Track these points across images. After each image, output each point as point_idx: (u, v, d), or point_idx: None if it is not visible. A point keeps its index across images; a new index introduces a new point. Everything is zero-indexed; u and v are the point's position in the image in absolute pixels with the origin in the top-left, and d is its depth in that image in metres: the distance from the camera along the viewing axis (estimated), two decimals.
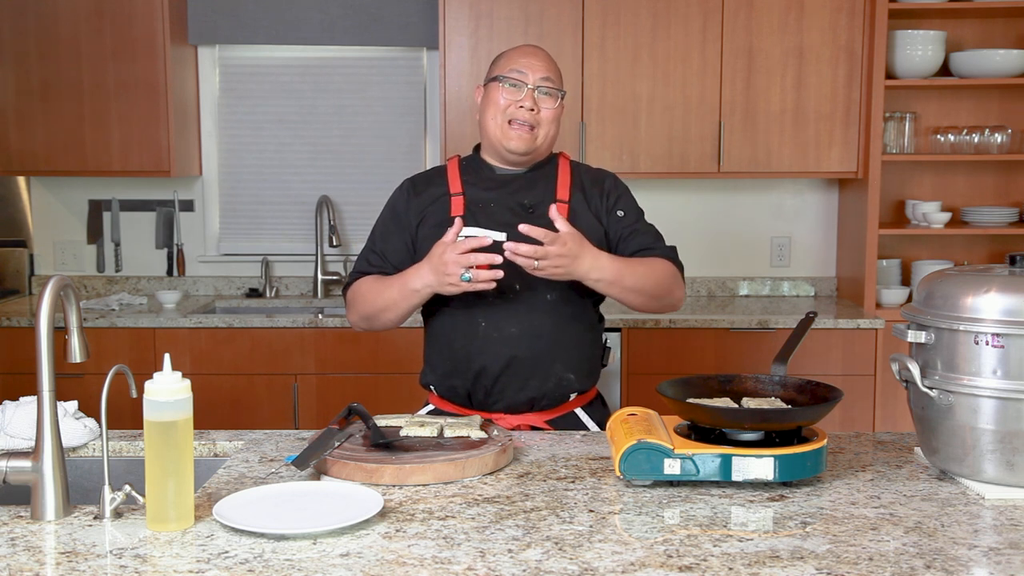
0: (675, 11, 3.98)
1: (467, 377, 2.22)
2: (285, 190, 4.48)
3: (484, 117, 2.27)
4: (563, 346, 2.22)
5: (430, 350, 2.32)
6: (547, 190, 2.26)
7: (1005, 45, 4.16)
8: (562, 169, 2.31)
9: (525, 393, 2.20)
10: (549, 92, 2.25)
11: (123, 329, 3.84)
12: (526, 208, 2.22)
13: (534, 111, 2.22)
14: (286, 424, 3.85)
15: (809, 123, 4.03)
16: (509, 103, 2.22)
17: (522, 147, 2.23)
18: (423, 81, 4.43)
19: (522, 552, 1.44)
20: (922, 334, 1.75)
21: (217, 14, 4.29)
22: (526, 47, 2.32)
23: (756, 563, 1.41)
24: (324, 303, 4.31)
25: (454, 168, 2.32)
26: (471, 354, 2.20)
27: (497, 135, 2.24)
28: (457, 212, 2.21)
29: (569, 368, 2.23)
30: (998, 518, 1.60)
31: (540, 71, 2.24)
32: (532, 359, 2.19)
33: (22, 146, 4.07)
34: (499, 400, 2.21)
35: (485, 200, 2.24)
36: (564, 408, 2.26)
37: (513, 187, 2.26)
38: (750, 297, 4.40)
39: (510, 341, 2.18)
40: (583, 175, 2.33)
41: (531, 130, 2.22)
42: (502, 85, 2.23)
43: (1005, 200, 4.33)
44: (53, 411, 1.59)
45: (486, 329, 2.18)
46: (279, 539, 1.48)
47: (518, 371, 2.19)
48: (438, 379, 2.28)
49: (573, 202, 2.26)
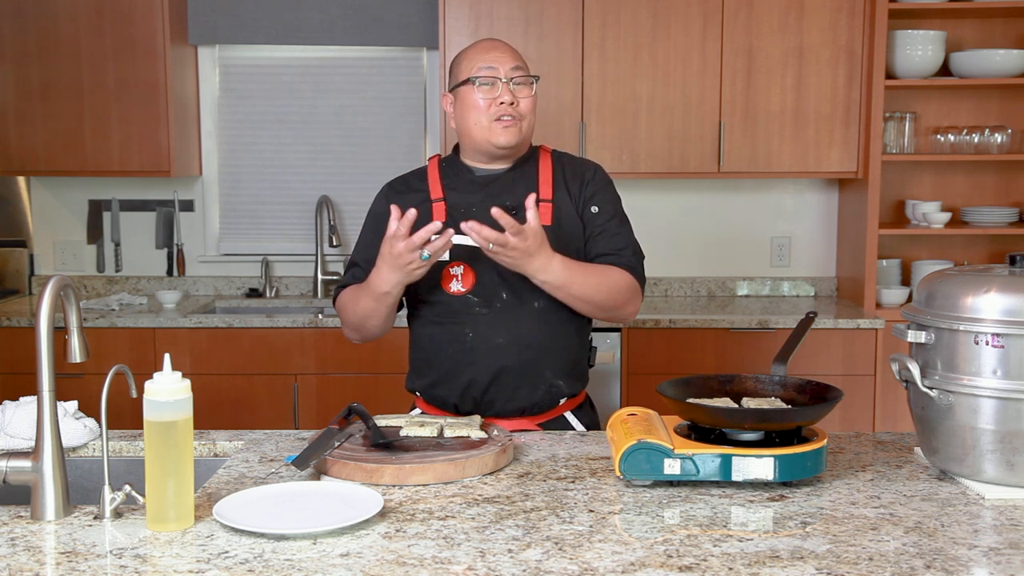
0: (675, 11, 3.98)
1: (454, 388, 2.19)
2: (285, 190, 4.48)
3: (465, 122, 2.20)
4: (553, 353, 2.19)
5: (415, 358, 2.29)
6: (529, 189, 2.20)
7: (1005, 45, 4.16)
8: (543, 165, 2.26)
9: (515, 403, 2.18)
10: (523, 81, 2.18)
11: (123, 329, 3.84)
12: (508, 210, 2.14)
13: (514, 103, 2.16)
14: (286, 424, 3.85)
15: (809, 123, 4.03)
16: (489, 102, 2.16)
17: (511, 140, 2.17)
18: (423, 81, 4.43)
19: (522, 552, 1.44)
20: (922, 334, 1.75)
21: (217, 14, 4.29)
22: (485, 42, 2.25)
23: (756, 563, 1.41)
24: (324, 303, 4.31)
25: (434, 170, 2.27)
26: (459, 366, 2.17)
27: (484, 135, 2.17)
28: (439, 218, 2.16)
29: (559, 375, 2.20)
30: (998, 518, 1.60)
31: (508, 62, 2.17)
32: (521, 369, 2.16)
33: (22, 146, 4.07)
34: (488, 409, 2.19)
35: (467, 205, 2.18)
36: (554, 412, 2.24)
37: (494, 188, 2.21)
38: (750, 297, 4.40)
39: (498, 352, 2.15)
40: (565, 168, 2.27)
41: (516, 122, 2.17)
42: (476, 86, 2.16)
43: (1005, 200, 4.33)
44: (53, 411, 1.59)
45: (474, 340, 2.15)
46: (279, 539, 1.48)
47: (507, 381, 2.17)
48: (424, 387, 2.26)
49: (557, 199, 2.21)
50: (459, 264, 2.16)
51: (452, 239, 2.03)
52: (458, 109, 2.22)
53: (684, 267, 4.42)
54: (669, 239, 4.37)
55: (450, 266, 2.17)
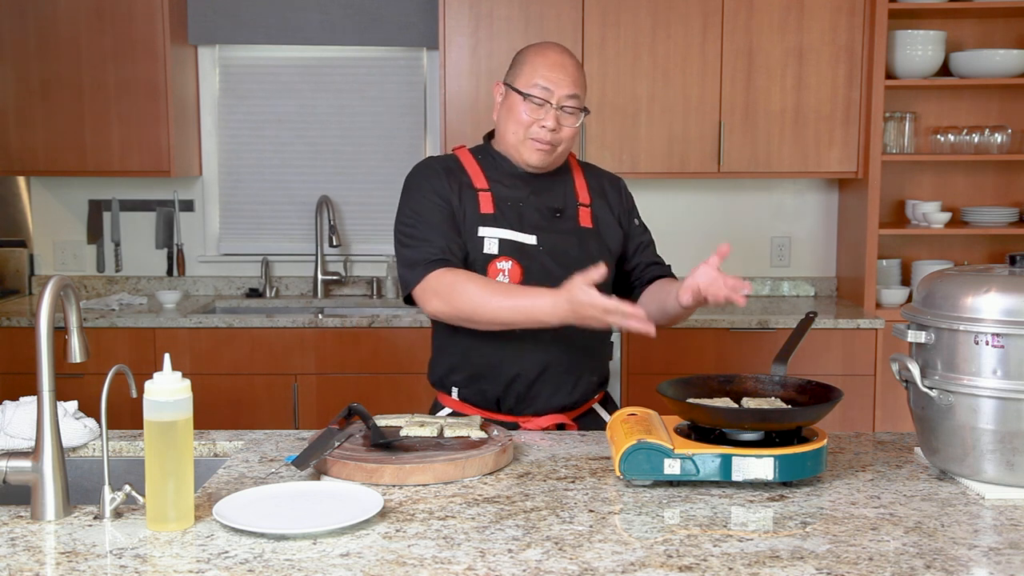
0: (675, 11, 3.98)
1: (499, 383, 2.19)
2: (285, 190, 4.48)
3: (504, 125, 2.19)
4: (592, 350, 2.24)
5: (452, 351, 2.24)
6: (568, 192, 2.24)
7: (1005, 45, 4.16)
8: (575, 170, 2.30)
9: (557, 399, 2.20)
10: (572, 111, 2.15)
11: (123, 329, 3.84)
12: (554, 212, 2.20)
13: (555, 131, 2.14)
14: (286, 424, 3.85)
15: (809, 123, 4.03)
16: (532, 121, 2.14)
17: (539, 163, 2.18)
18: (423, 81, 4.43)
19: (522, 552, 1.44)
20: (922, 334, 1.75)
21: (217, 14, 4.29)
22: (556, 55, 2.17)
23: (756, 563, 1.41)
24: (324, 303, 4.31)
25: (471, 160, 2.24)
26: (504, 360, 2.17)
27: (517, 147, 2.17)
28: (488, 210, 2.16)
29: (596, 372, 2.26)
30: (998, 518, 1.60)
31: (566, 87, 2.13)
32: (566, 365, 2.19)
33: (22, 146, 4.07)
34: (530, 406, 2.20)
35: (514, 199, 2.19)
36: (586, 406, 2.28)
37: (535, 187, 2.21)
38: (750, 297, 4.40)
39: (546, 347, 2.16)
40: (596, 175, 2.32)
41: (550, 146, 2.16)
42: (525, 101, 2.14)
43: (1005, 200, 4.33)
44: (53, 411, 1.59)
45: (521, 334, 2.13)
46: (279, 539, 1.48)
47: (551, 378, 2.18)
48: (462, 381, 2.23)
49: (594, 206, 2.25)
50: (507, 259, 2.15)
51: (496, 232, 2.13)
52: (503, 107, 2.21)
53: (684, 267, 4.38)
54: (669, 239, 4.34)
55: (497, 260, 2.15)
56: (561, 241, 2.18)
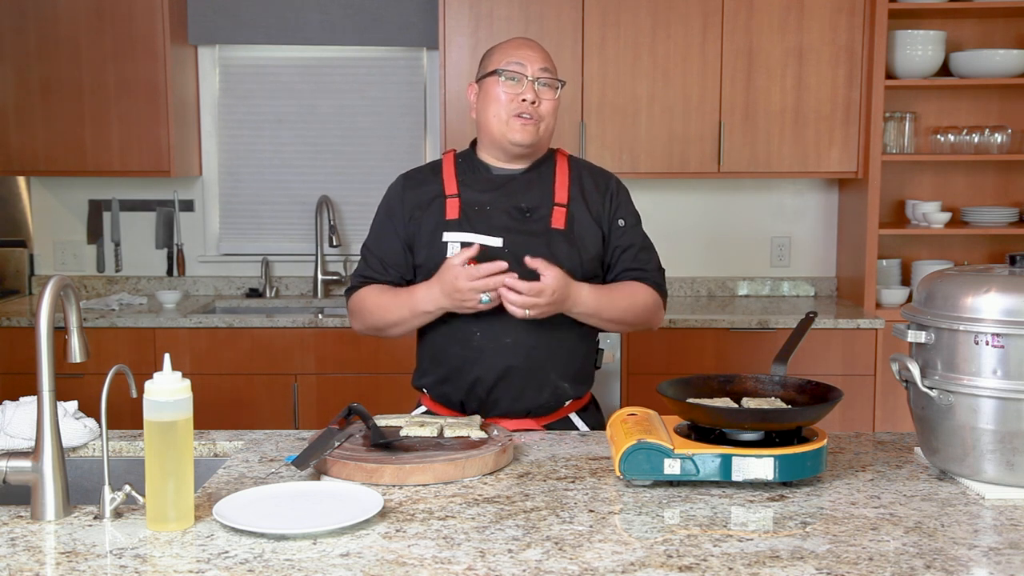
0: (675, 11, 3.98)
1: (461, 386, 2.20)
2: (285, 190, 4.48)
3: (485, 114, 2.21)
4: (558, 356, 2.20)
5: (422, 355, 2.30)
6: (545, 192, 2.22)
7: (1005, 45, 4.16)
8: (560, 168, 2.27)
9: (520, 404, 2.19)
10: (548, 83, 2.21)
11: (123, 329, 3.84)
12: (523, 212, 2.19)
13: (535, 103, 2.18)
14: (286, 424, 3.85)
15: (809, 123, 4.03)
16: (511, 97, 2.17)
17: (527, 139, 2.18)
18: (423, 81, 4.43)
19: (522, 552, 1.44)
20: (922, 334, 1.75)
21: (217, 14, 4.29)
22: (519, 39, 2.26)
23: (756, 563, 1.41)
24: (324, 303, 4.31)
25: (450, 165, 2.27)
26: (465, 364, 2.18)
27: (501, 129, 2.18)
28: (453, 215, 2.18)
29: (564, 377, 2.21)
30: (998, 518, 1.60)
31: (538, 62, 2.20)
32: (528, 370, 2.17)
33: (22, 146, 4.07)
34: (493, 409, 2.19)
35: (481, 203, 2.19)
36: (559, 414, 2.25)
37: (510, 188, 2.22)
38: (750, 297, 4.40)
39: (505, 351, 2.15)
40: (584, 174, 2.28)
41: (534, 122, 2.18)
42: (501, 79, 2.18)
43: (1005, 200, 4.33)
44: (53, 411, 1.59)
45: (481, 339, 2.16)
46: (279, 539, 1.48)
47: (513, 382, 2.17)
48: (431, 384, 2.27)
49: (572, 206, 2.22)
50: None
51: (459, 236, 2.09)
52: (480, 100, 2.24)
53: (684, 267, 4.43)
54: (669, 239, 4.36)
55: None
56: (527, 242, 2.14)
